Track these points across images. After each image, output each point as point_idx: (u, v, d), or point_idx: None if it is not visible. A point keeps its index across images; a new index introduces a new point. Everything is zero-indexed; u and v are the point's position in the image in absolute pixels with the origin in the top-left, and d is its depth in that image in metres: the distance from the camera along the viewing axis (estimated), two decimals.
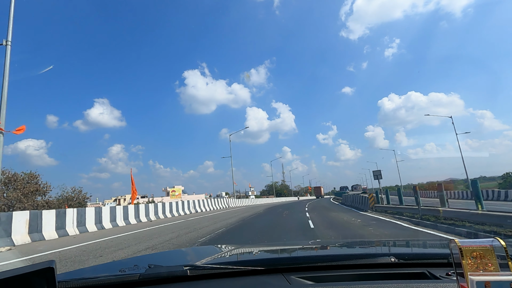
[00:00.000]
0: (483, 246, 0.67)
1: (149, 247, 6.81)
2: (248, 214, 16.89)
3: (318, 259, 1.32)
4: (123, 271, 1.16)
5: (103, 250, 6.65)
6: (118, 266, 1.32)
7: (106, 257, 5.82)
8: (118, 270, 1.17)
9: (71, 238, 9.28)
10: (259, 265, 1.19)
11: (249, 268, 1.16)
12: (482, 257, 0.66)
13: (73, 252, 6.66)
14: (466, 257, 0.66)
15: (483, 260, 0.66)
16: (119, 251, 6.44)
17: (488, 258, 0.66)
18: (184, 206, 20.67)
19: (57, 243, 8.19)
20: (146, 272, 1.09)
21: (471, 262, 0.66)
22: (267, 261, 1.38)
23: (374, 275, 1.09)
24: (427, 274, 1.05)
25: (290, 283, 1.04)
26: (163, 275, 1.09)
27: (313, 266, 1.18)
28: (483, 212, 6.93)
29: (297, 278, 1.08)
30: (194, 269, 1.12)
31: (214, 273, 1.14)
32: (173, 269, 1.13)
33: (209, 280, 1.11)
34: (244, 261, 1.49)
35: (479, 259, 0.66)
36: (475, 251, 0.66)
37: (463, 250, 0.66)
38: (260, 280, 1.10)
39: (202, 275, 1.12)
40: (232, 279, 1.12)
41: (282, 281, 1.06)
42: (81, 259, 5.69)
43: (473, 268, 0.65)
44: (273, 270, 1.16)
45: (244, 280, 1.11)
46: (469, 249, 0.66)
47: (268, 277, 1.11)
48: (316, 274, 1.12)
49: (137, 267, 1.23)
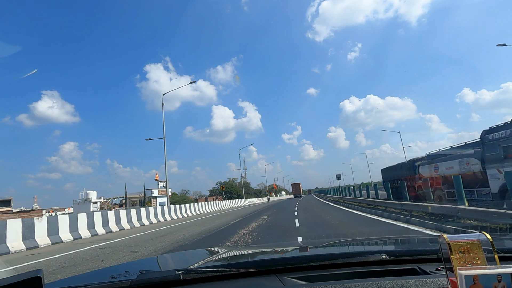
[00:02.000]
0: (470, 240, 0.68)
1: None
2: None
3: (310, 259, 1.33)
4: (114, 277, 1.14)
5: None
6: (108, 273, 1.29)
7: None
8: (109, 277, 1.15)
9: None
10: (252, 266, 1.19)
11: (242, 270, 1.16)
12: (470, 252, 0.68)
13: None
14: (454, 252, 0.68)
15: (471, 254, 0.68)
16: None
17: (475, 252, 0.67)
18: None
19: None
20: (138, 278, 1.07)
21: (459, 257, 0.67)
22: (260, 262, 1.38)
23: (366, 272, 1.10)
24: (417, 270, 1.07)
25: (283, 283, 1.04)
26: (155, 280, 1.07)
27: (306, 266, 1.19)
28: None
29: (290, 279, 1.08)
30: (187, 273, 1.11)
31: (207, 277, 1.13)
32: (165, 274, 1.11)
33: (202, 283, 1.10)
34: (237, 263, 1.48)
35: (467, 254, 0.68)
36: (463, 245, 0.68)
37: (452, 245, 0.68)
38: (254, 281, 1.09)
39: (195, 279, 1.11)
40: (226, 282, 1.11)
41: (276, 282, 1.06)
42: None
43: (462, 262, 0.67)
44: (266, 272, 1.16)
45: (238, 282, 1.11)
46: (457, 244, 0.68)
47: (261, 278, 1.11)
48: (309, 274, 1.13)
49: (128, 273, 1.21)
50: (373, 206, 13.24)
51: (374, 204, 13.71)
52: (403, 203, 10.54)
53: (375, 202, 14.11)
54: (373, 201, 14.58)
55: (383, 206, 12.23)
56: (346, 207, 16.90)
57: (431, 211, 8.36)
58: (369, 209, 12.68)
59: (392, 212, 10.46)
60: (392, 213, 10.21)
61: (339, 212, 14.07)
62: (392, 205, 11.49)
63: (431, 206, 8.49)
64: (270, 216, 14.80)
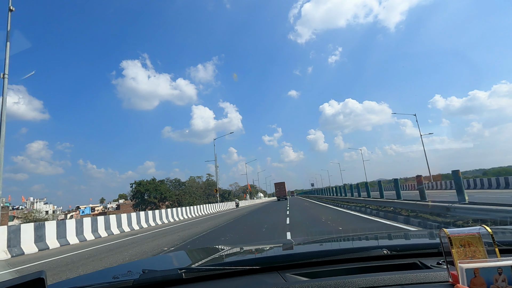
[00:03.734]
0: (471, 234, 0.69)
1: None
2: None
3: (312, 255, 1.34)
4: (116, 277, 1.14)
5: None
6: (111, 273, 1.29)
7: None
8: (111, 277, 1.15)
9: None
10: (254, 264, 1.19)
11: (244, 267, 1.16)
12: (470, 245, 0.68)
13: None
14: (455, 246, 0.68)
15: (472, 248, 0.68)
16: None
17: (476, 245, 0.68)
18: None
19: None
20: (140, 277, 1.07)
21: (460, 250, 0.68)
22: (262, 259, 1.38)
23: (368, 267, 1.10)
24: (418, 264, 1.08)
25: (285, 280, 1.04)
26: (158, 279, 1.07)
27: (307, 262, 1.19)
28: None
29: (292, 275, 1.08)
30: (189, 272, 1.11)
31: (210, 275, 1.13)
32: (167, 273, 1.12)
33: (205, 282, 1.11)
34: (239, 261, 1.48)
35: (467, 247, 0.68)
36: (463, 239, 0.69)
37: (452, 239, 0.68)
38: (256, 279, 1.10)
39: (197, 277, 1.12)
40: (228, 280, 1.11)
41: (278, 278, 1.07)
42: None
43: (462, 256, 0.68)
44: (268, 269, 1.16)
45: (240, 280, 1.11)
46: (458, 237, 0.68)
47: (263, 275, 1.12)
48: (311, 270, 1.13)
49: (130, 272, 1.21)
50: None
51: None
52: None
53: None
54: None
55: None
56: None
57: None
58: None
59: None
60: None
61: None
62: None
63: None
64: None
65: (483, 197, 13.74)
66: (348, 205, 16.25)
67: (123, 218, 15.05)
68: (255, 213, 19.79)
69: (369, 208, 12.74)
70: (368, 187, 16.14)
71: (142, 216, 16.80)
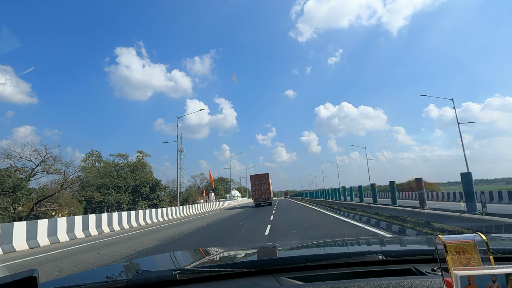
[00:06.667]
0: (466, 241, 0.69)
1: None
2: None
3: (307, 259, 1.33)
4: (110, 277, 1.13)
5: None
6: (104, 273, 1.29)
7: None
8: (105, 276, 1.15)
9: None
10: (249, 266, 1.19)
11: (239, 270, 1.16)
12: (465, 252, 0.68)
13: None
14: (450, 253, 0.68)
15: (466, 255, 0.68)
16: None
17: (470, 252, 0.68)
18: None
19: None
20: (134, 277, 1.07)
21: (455, 257, 0.68)
22: (257, 262, 1.38)
23: (363, 272, 1.10)
24: (413, 270, 1.08)
25: (280, 283, 1.04)
26: (152, 280, 1.07)
27: (302, 266, 1.19)
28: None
29: (287, 279, 1.08)
30: (183, 273, 1.10)
31: (204, 277, 1.13)
32: (161, 273, 1.11)
33: (199, 283, 1.10)
34: (233, 263, 1.48)
35: (462, 254, 0.68)
36: (458, 246, 0.69)
37: (447, 245, 0.68)
38: (250, 281, 1.09)
39: (191, 279, 1.11)
40: (222, 282, 1.11)
41: (272, 282, 1.06)
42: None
43: (457, 263, 0.68)
44: (263, 272, 1.16)
45: (234, 282, 1.11)
46: (453, 244, 0.69)
47: (258, 278, 1.11)
48: (305, 274, 1.13)
49: (124, 272, 1.20)
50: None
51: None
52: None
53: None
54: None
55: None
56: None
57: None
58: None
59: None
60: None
61: None
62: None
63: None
64: None
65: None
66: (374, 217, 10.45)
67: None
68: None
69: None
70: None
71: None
